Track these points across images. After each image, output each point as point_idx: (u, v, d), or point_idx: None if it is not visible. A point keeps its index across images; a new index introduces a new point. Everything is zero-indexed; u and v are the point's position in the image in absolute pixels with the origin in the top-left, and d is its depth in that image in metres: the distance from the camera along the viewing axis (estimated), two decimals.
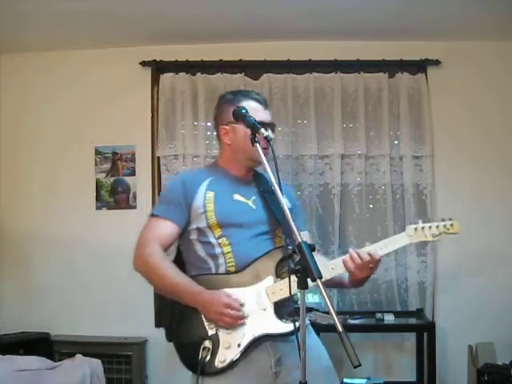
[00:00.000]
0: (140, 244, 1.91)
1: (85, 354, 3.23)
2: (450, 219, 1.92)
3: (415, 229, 1.90)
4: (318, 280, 1.43)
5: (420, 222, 1.91)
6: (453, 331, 3.60)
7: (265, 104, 1.99)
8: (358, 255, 1.81)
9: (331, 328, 1.42)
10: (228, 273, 1.87)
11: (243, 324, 1.79)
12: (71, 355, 3.25)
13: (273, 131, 1.96)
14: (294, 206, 2.03)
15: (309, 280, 1.48)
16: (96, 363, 3.15)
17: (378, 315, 3.47)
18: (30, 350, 3.37)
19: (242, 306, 1.79)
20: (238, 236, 1.89)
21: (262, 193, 1.97)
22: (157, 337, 3.64)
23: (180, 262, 1.97)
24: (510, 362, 3.27)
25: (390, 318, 3.46)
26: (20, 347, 3.40)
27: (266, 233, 1.93)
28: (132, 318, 3.66)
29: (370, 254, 1.81)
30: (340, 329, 1.37)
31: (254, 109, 1.90)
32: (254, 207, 1.95)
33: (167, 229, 1.91)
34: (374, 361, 3.66)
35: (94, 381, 3.05)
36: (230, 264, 1.87)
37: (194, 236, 1.93)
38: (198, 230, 1.91)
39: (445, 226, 1.91)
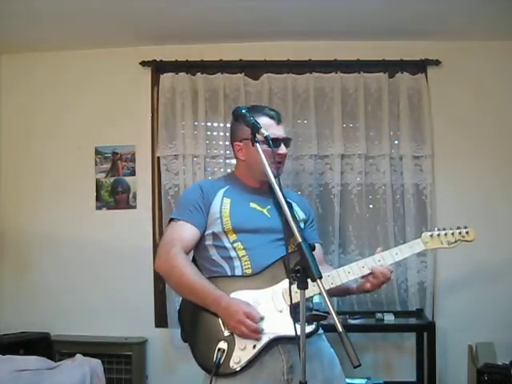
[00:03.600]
0: (163, 245, 1.93)
1: (85, 354, 3.23)
2: (465, 227, 1.93)
3: (431, 235, 1.91)
4: (318, 280, 1.44)
5: (436, 228, 1.92)
6: (453, 331, 3.59)
7: (278, 119, 2.03)
8: (382, 273, 1.86)
9: (331, 328, 1.43)
10: (244, 275, 1.88)
11: (259, 339, 1.77)
12: (71, 355, 3.25)
13: (287, 146, 2.04)
14: (308, 218, 2.14)
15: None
16: (96, 363, 3.15)
17: (378, 315, 3.47)
18: (30, 349, 3.37)
19: (261, 319, 1.78)
20: (252, 241, 1.91)
21: (277, 203, 1.98)
22: (157, 337, 3.67)
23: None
24: (510, 361, 3.27)
25: (390, 318, 3.45)
26: (20, 347, 3.40)
27: (281, 239, 1.93)
28: (132, 318, 3.66)
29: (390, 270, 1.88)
30: (340, 329, 1.37)
31: (266, 125, 1.91)
32: (268, 215, 1.98)
33: (189, 232, 1.93)
34: (374, 361, 3.66)
35: (94, 381, 3.05)
36: (246, 267, 1.89)
37: (209, 241, 1.95)
38: (214, 234, 1.93)
39: (460, 233, 1.91)
